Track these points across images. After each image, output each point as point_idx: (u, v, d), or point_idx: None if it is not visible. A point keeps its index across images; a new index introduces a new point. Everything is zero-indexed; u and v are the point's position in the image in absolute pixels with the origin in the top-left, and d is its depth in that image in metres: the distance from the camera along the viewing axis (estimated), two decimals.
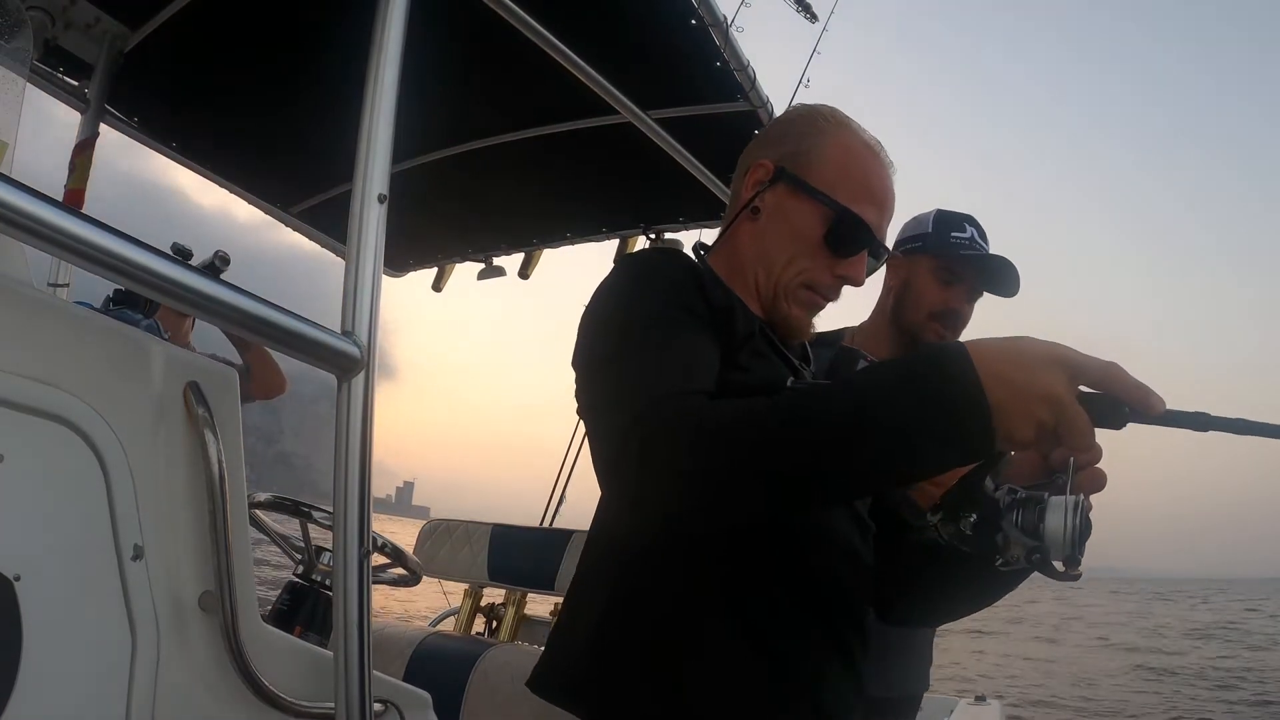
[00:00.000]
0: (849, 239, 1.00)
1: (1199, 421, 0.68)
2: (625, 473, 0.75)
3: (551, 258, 2.90)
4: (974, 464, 0.73)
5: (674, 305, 0.88)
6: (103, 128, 2.10)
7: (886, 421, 0.67)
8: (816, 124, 1.05)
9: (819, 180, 1.00)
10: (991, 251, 1.71)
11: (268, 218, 2.71)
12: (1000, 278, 1.69)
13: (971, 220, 1.74)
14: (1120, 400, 0.67)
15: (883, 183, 1.03)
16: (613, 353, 0.85)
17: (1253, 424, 0.67)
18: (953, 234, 1.72)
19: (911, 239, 1.78)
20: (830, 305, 1.05)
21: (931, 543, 0.80)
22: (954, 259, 1.69)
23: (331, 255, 2.78)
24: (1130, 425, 0.68)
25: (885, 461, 0.69)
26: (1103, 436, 0.69)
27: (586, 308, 0.93)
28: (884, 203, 1.02)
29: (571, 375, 0.93)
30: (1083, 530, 0.69)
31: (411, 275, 3.07)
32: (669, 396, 0.76)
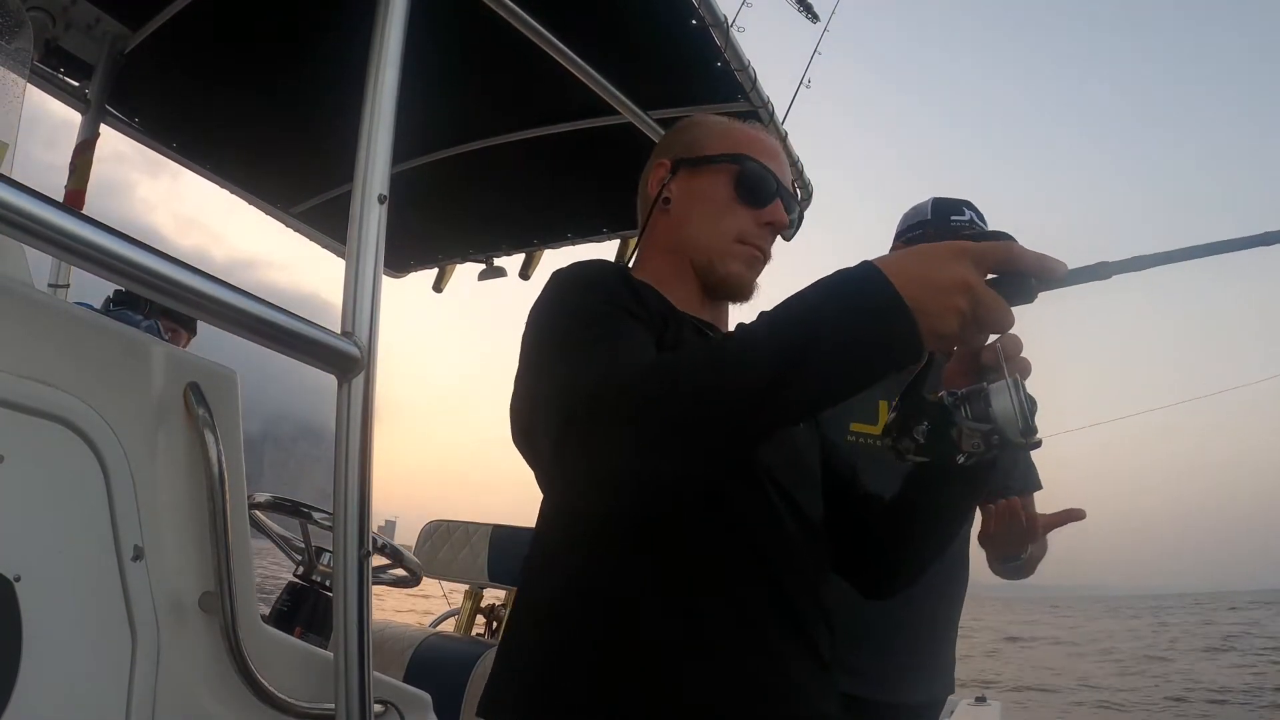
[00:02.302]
0: (759, 185, 1.07)
1: (1101, 271, 0.71)
2: (569, 456, 0.73)
3: (553, 259, 2.91)
4: (907, 370, 0.74)
5: (611, 304, 0.87)
6: (103, 128, 2.10)
7: (820, 346, 0.68)
8: (700, 123, 1.15)
9: (712, 151, 1.08)
10: (991, 229, 1.70)
11: None
12: None
13: (969, 204, 1.74)
14: (1025, 274, 0.70)
15: (773, 142, 1.11)
16: (552, 354, 0.83)
17: (1147, 258, 0.70)
18: (952, 218, 1.71)
19: (912, 228, 1.78)
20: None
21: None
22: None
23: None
24: (1043, 297, 0.71)
25: (825, 383, 0.69)
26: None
27: (523, 334, 0.91)
28: (779, 157, 1.10)
29: None
30: (1030, 404, 0.73)
31: (412, 276, 3.07)
32: (603, 375, 0.74)
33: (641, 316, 0.89)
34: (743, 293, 1.09)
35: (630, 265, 1.13)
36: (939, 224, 1.72)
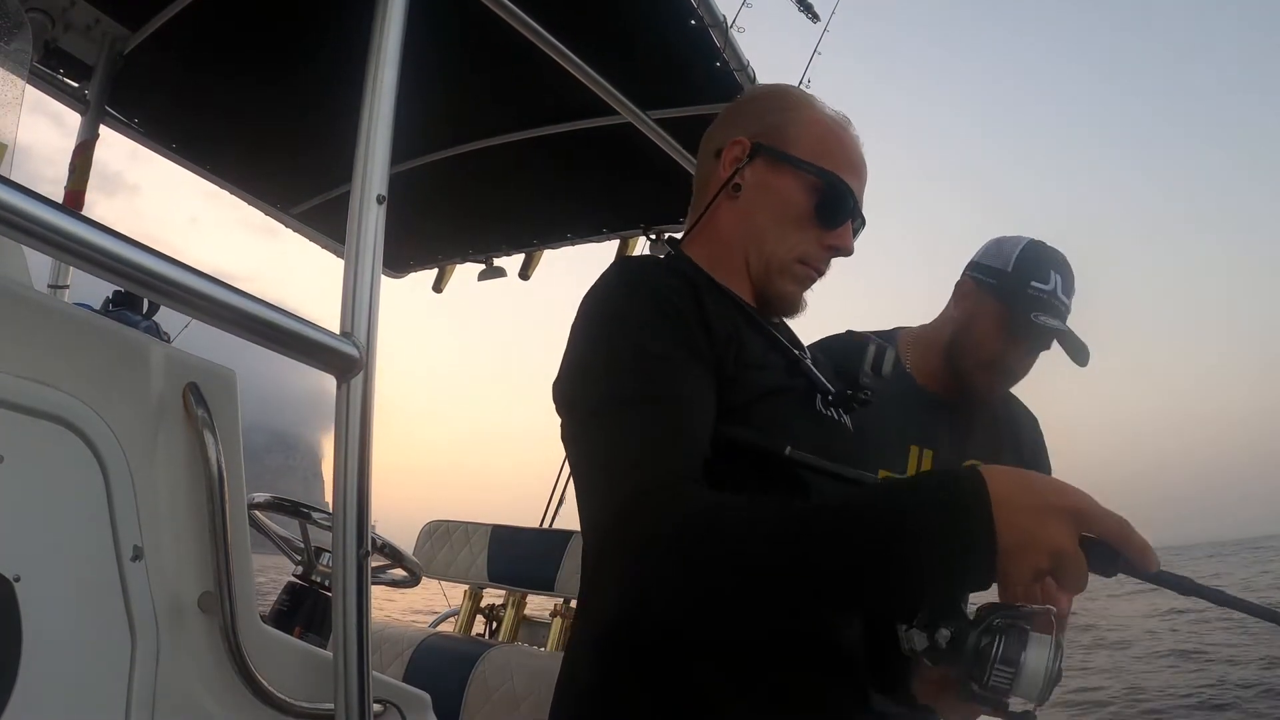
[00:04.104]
0: (838, 207, 1.00)
1: (1183, 585, 0.71)
2: (612, 566, 0.74)
3: (552, 259, 2.91)
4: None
5: (667, 337, 0.84)
6: (102, 129, 2.10)
7: (894, 561, 0.67)
8: (786, 100, 1.06)
9: (800, 152, 1.00)
10: (1067, 324, 1.50)
11: None
12: (1069, 349, 1.51)
13: (1060, 265, 1.52)
14: (1119, 553, 0.68)
15: (859, 152, 1.04)
16: (602, 401, 0.83)
17: (1229, 597, 0.71)
18: (1032, 284, 1.49)
19: (988, 271, 1.57)
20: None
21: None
22: (1023, 319, 1.48)
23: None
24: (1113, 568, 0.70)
25: (884, 593, 0.69)
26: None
27: (575, 323, 0.90)
28: (862, 172, 1.04)
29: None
30: (1059, 675, 0.70)
31: (412, 276, 3.07)
32: (659, 487, 0.74)
33: (699, 347, 0.86)
34: (792, 311, 1.05)
35: (684, 239, 1.08)
36: (1017, 284, 1.50)
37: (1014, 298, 1.50)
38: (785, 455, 0.86)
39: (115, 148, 2.32)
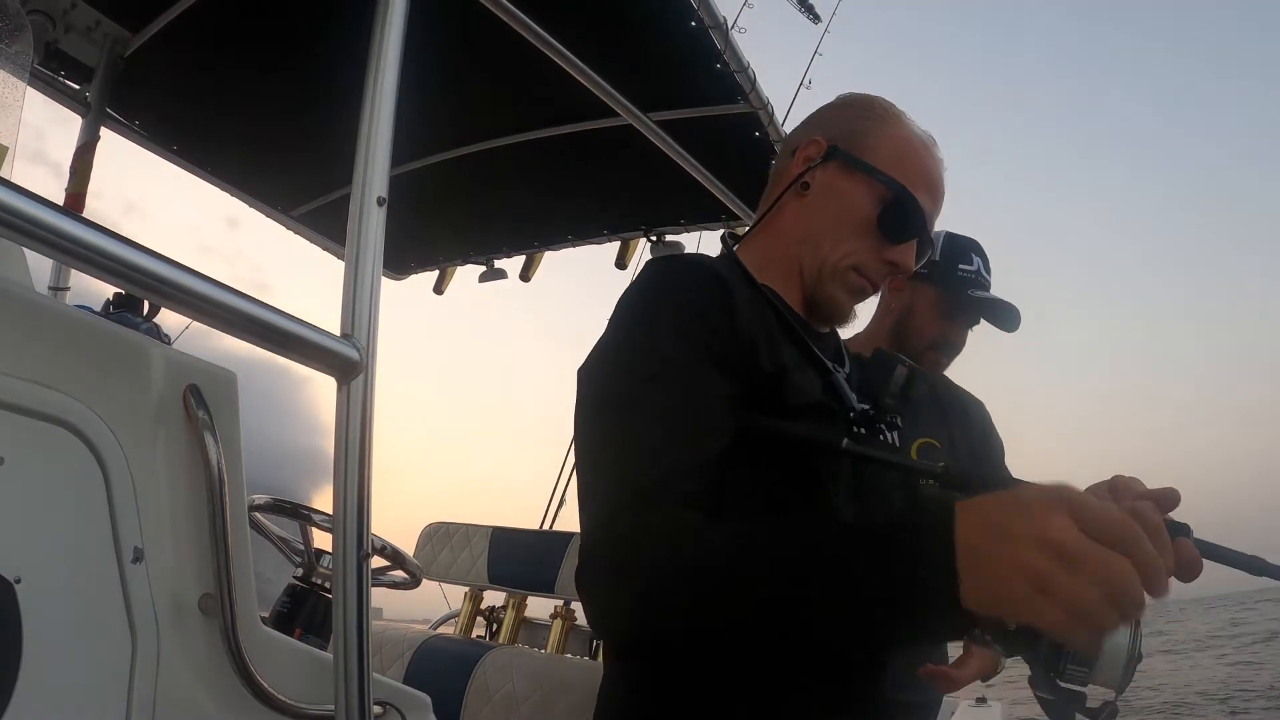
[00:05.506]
0: (903, 222, 0.97)
1: (1217, 553, 0.64)
2: (584, 584, 0.75)
3: (553, 260, 2.91)
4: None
5: (688, 342, 0.83)
6: (103, 131, 2.10)
7: (846, 618, 0.62)
8: (873, 110, 1.04)
9: (875, 160, 0.98)
10: (995, 294, 1.71)
11: None
12: (1002, 317, 1.70)
13: (978, 249, 1.74)
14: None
15: (938, 175, 1.01)
16: (606, 402, 0.83)
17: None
18: (960, 266, 1.71)
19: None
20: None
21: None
22: (959, 297, 1.69)
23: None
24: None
25: (839, 642, 0.66)
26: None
27: (611, 317, 0.90)
28: (938, 195, 1.01)
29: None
30: (1139, 655, 0.64)
31: (413, 278, 3.08)
32: (641, 503, 0.74)
33: (723, 352, 0.84)
34: (839, 319, 1.03)
35: (747, 235, 1.08)
36: (946, 269, 1.71)
37: (946, 280, 1.70)
38: (842, 448, 0.84)
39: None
